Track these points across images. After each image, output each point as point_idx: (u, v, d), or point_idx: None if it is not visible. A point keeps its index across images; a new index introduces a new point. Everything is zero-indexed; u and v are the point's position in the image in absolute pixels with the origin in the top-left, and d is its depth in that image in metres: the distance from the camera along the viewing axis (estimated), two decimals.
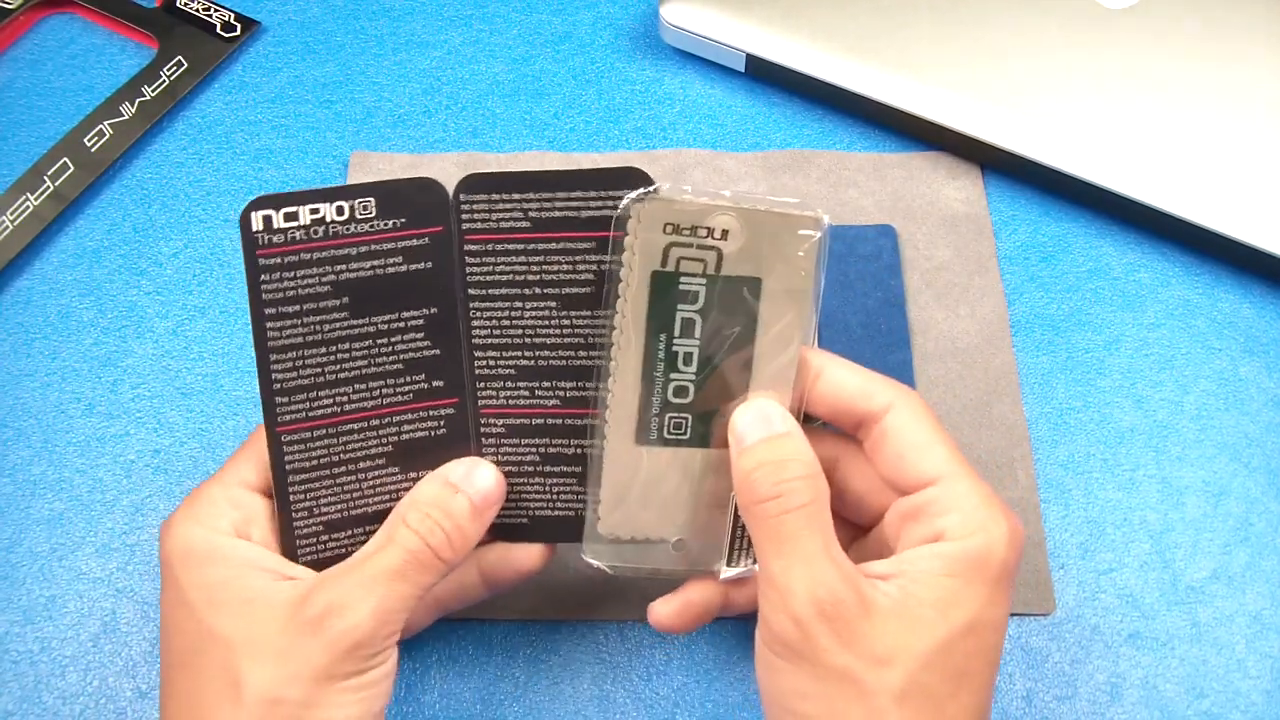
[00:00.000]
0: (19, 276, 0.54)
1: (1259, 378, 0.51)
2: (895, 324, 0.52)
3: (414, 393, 0.37)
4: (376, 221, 0.34)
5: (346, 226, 0.34)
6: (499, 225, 0.35)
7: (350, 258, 0.34)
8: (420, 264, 0.35)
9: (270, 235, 0.33)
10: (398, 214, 0.34)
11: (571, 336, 0.36)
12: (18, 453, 0.49)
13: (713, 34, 0.58)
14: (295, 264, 0.33)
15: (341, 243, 0.34)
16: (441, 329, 0.36)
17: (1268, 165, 0.52)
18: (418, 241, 0.35)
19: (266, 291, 0.33)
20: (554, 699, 0.44)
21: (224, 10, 0.62)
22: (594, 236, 0.34)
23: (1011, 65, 0.56)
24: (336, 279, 0.34)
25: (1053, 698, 0.44)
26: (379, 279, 0.35)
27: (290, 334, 0.34)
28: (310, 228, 0.33)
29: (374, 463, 0.38)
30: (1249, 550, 0.47)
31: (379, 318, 0.35)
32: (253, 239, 0.33)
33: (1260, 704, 0.44)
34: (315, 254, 0.34)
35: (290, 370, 0.35)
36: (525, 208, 0.34)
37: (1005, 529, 0.35)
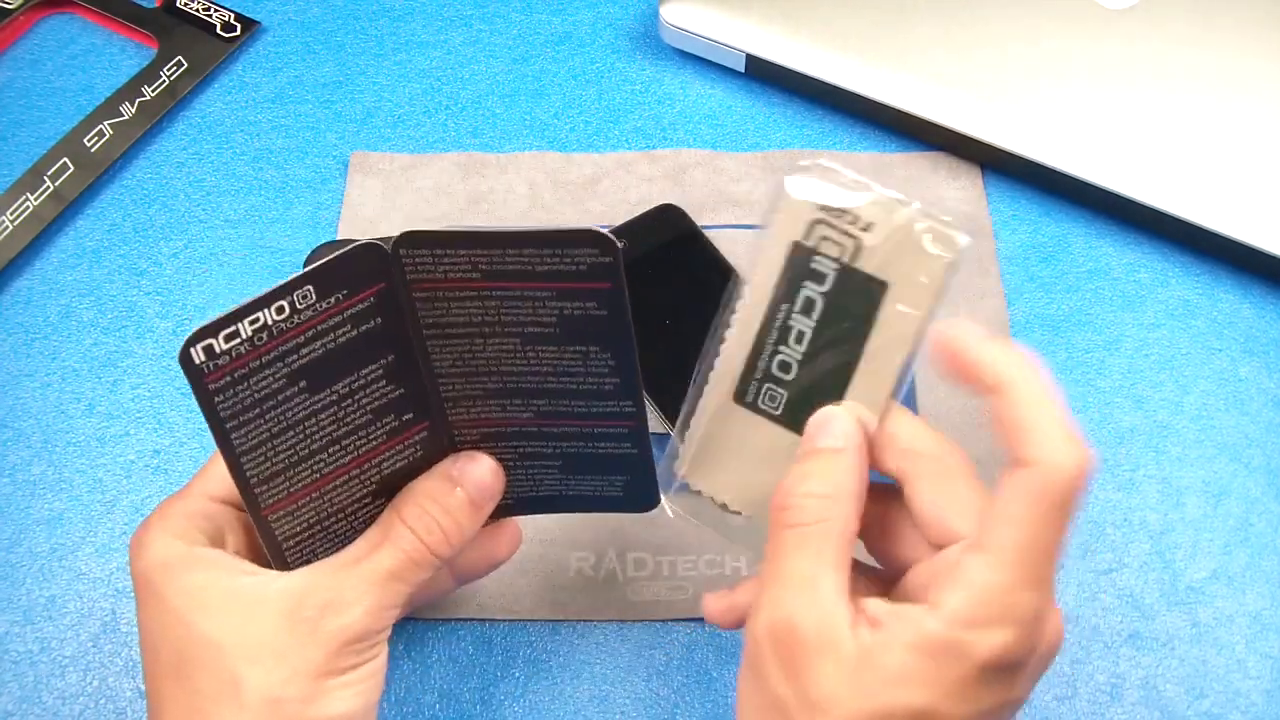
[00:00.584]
0: (19, 276, 0.54)
1: (1259, 378, 0.51)
2: None
3: (387, 433, 0.37)
4: (318, 304, 0.33)
5: (290, 320, 0.33)
6: (445, 276, 0.34)
7: (299, 345, 0.33)
8: (369, 323, 0.34)
9: (214, 362, 0.32)
10: (337, 289, 0.33)
11: (539, 365, 0.36)
12: (18, 453, 0.49)
13: (713, 34, 0.58)
14: (246, 374, 0.33)
15: (288, 337, 0.33)
16: (401, 370, 0.36)
17: (1268, 165, 0.52)
18: (362, 305, 0.34)
19: (223, 408, 0.33)
20: (554, 699, 0.44)
21: (224, 10, 0.62)
22: (553, 286, 0.34)
23: (1011, 65, 0.56)
24: (290, 369, 0.33)
25: (1053, 698, 0.44)
26: (332, 352, 0.34)
27: (256, 433, 0.34)
28: (253, 338, 0.32)
29: (362, 504, 0.38)
30: (1249, 550, 0.47)
31: (339, 384, 0.35)
32: (197, 371, 0.32)
33: (1260, 704, 0.44)
34: (263, 358, 0.33)
35: (263, 463, 0.35)
36: (474, 261, 0.34)
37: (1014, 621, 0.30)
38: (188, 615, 0.34)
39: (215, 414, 0.33)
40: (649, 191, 0.56)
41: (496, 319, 0.35)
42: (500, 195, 0.56)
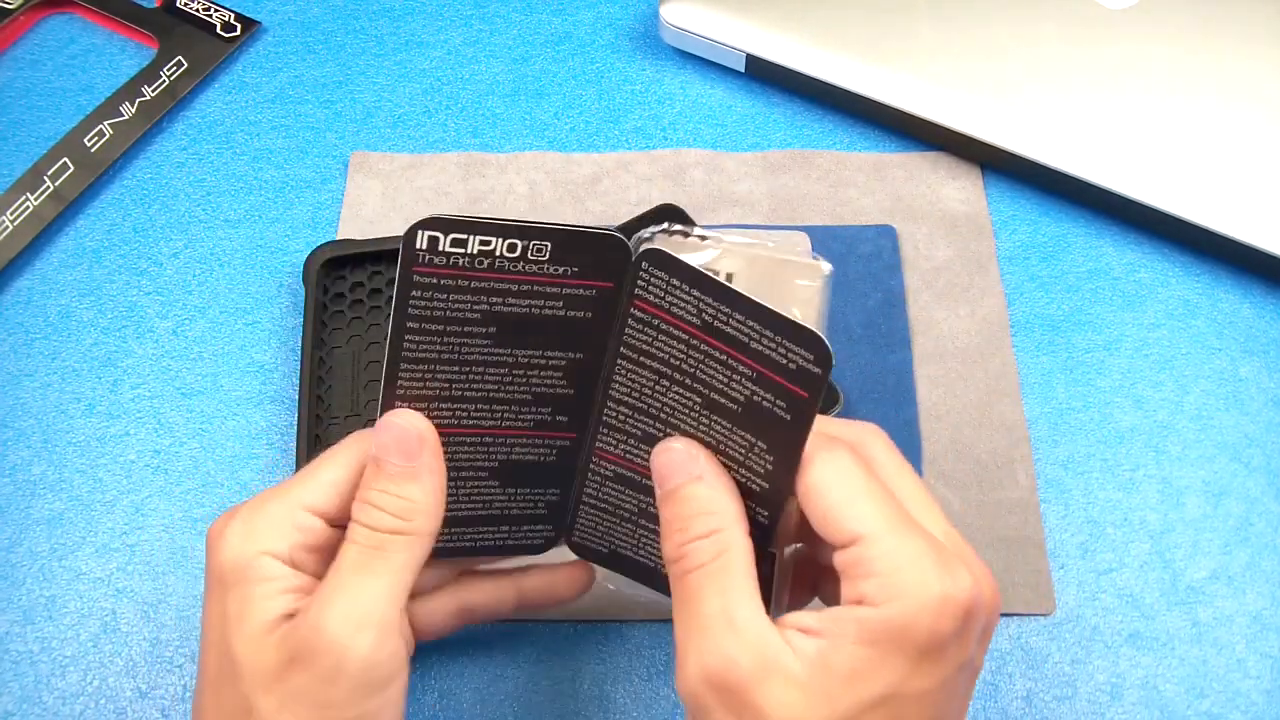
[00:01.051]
0: (19, 276, 0.54)
1: (1259, 378, 0.51)
2: (895, 324, 0.52)
3: (535, 422, 0.36)
4: (547, 266, 0.33)
5: (515, 264, 0.32)
6: (670, 309, 0.33)
7: (509, 292, 0.33)
8: (580, 312, 0.34)
9: (432, 255, 0.32)
10: (571, 263, 0.33)
11: (704, 434, 0.34)
12: (18, 453, 0.49)
13: (713, 34, 0.58)
14: (450, 287, 0.32)
15: (504, 277, 0.33)
16: (582, 374, 0.35)
17: (1268, 165, 0.52)
18: (584, 291, 0.33)
19: (414, 307, 0.32)
20: (554, 699, 0.44)
21: (224, 10, 0.62)
22: (758, 369, 0.32)
23: (1011, 65, 0.56)
24: (489, 309, 0.33)
25: (1053, 698, 0.44)
26: (532, 317, 0.34)
27: (426, 349, 0.34)
28: (476, 257, 0.32)
29: (476, 474, 0.37)
30: (1249, 550, 0.47)
31: (522, 351, 0.34)
32: (412, 255, 0.31)
33: (1260, 704, 0.44)
34: (474, 282, 0.32)
35: (417, 380, 0.34)
36: (701, 308, 0.32)
37: (937, 593, 0.31)
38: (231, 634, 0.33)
39: (404, 307, 0.32)
40: (649, 191, 0.56)
41: (692, 371, 0.34)
42: (500, 195, 0.56)
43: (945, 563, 0.31)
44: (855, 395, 0.50)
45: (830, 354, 0.31)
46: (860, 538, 0.32)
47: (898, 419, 0.49)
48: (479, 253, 0.32)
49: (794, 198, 0.56)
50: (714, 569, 0.32)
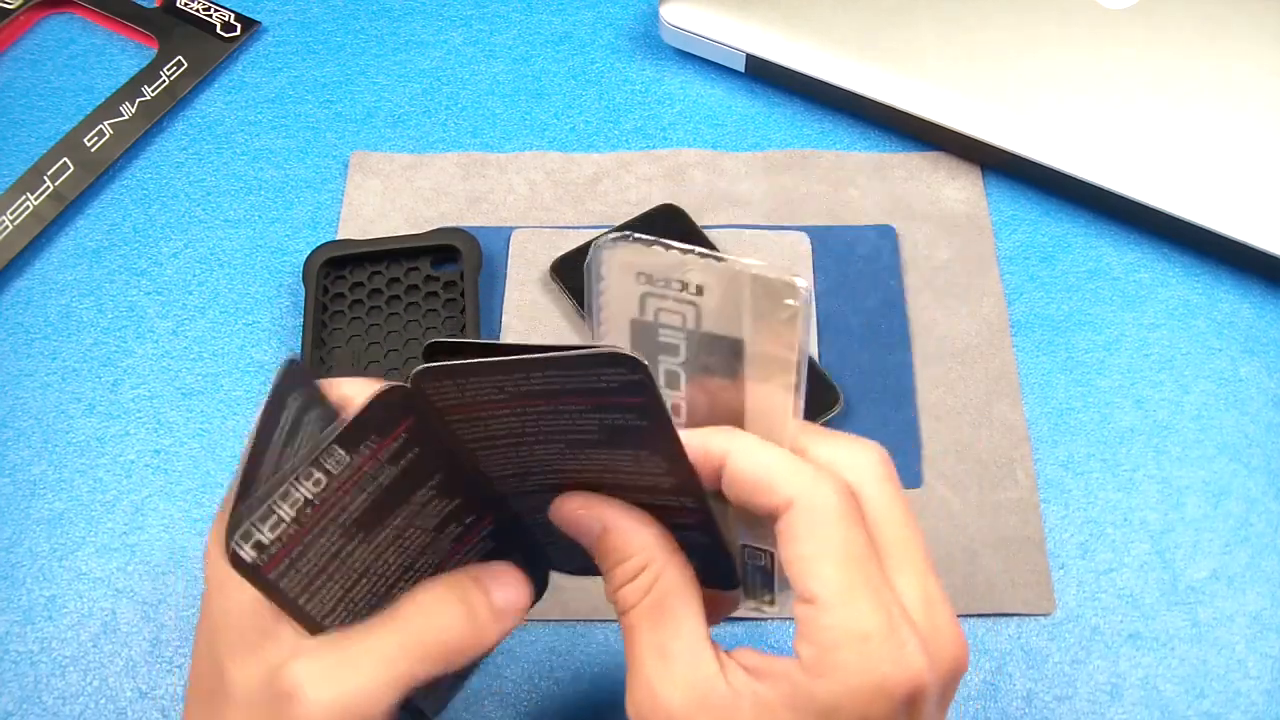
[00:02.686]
0: (19, 276, 0.54)
1: (1259, 378, 0.51)
2: (895, 324, 0.52)
3: (453, 540, 0.36)
4: (352, 460, 0.32)
5: (329, 486, 0.32)
6: (474, 399, 0.33)
7: (347, 504, 0.33)
8: (408, 455, 0.34)
9: (266, 553, 0.31)
10: (366, 439, 0.32)
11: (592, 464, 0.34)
12: (18, 453, 0.49)
13: (713, 34, 0.58)
14: (302, 551, 0.32)
15: (331, 501, 0.32)
16: (452, 483, 0.35)
17: (1268, 165, 0.52)
18: (396, 444, 0.33)
19: (290, 590, 0.32)
20: (554, 699, 0.44)
21: (224, 10, 0.62)
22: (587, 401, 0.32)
23: (1011, 65, 0.56)
24: (344, 528, 0.33)
25: (1053, 698, 0.44)
26: (378, 496, 0.33)
27: (330, 595, 0.33)
28: (298, 517, 0.31)
29: None
30: (1249, 550, 0.47)
31: (395, 519, 0.34)
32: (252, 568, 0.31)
33: (1260, 704, 0.44)
34: (314, 530, 0.32)
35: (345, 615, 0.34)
36: (500, 385, 0.32)
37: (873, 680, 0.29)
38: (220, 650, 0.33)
39: (284, 597, 0.32)
40: (649, 191, 0.56)
41: (537, 429, 0.33)
42: (500, 195, 0.56)
43: (894, 643, 0.29)
44: (855, 395, 0.50)
45: (633, 357, 0.29)
46: (814, 600, 0.30)
47: (898, 419, 0.49)
48: (296, 514, 0.32)
49: (794, 198, 0.56)
50: (645, 608, 0.32)
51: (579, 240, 0.54)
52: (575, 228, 0.55)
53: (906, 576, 0.31)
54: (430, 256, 0.53)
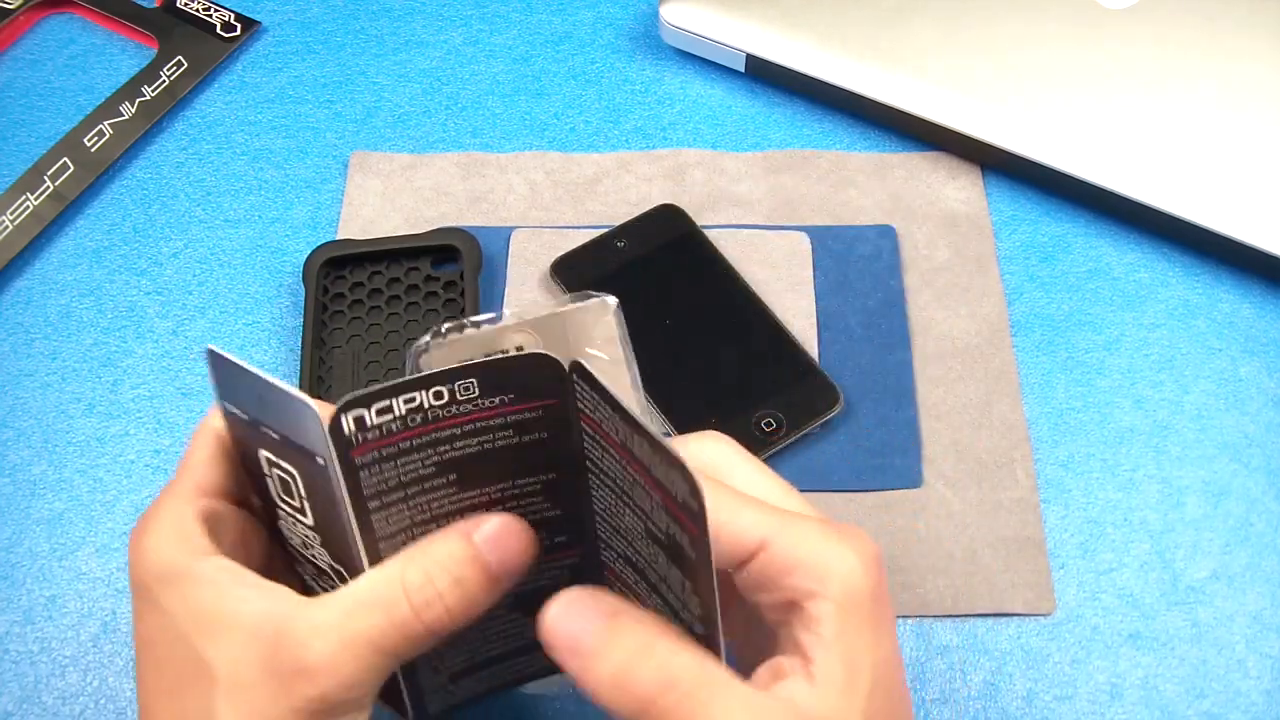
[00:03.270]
0: (19, 276, 0.54)
1: (1259, 378, 0.51)
2: (895, 324, 0.52)
3: None
4: (480, 400, 0.31)
5: (447, 409, 0.31)
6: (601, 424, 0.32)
7: (454, 438, 0.32)
8: (533, 435, 0.32)
9: (363, 434, 0.30)
10: (503, 391, 0.31)
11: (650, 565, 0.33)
12: (18, 453, 0.49)
13: (713, 34, 0.58)
14: (394, 454, 0.31)
15: (443, 425, 0.31)
16: (562, 492, 0.34)
17: (1268, 165, 0.52)
18: (529, 414, 0.32)
19: (367, 487, 0.31)
20: (554, 699, 0.44)
21: (224, 10, 0.62)
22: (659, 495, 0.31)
23: (1011, 65, 0.56)
24: (441, 459, 0.32)
25: (1053, 698, 0.44)
26: (489, 453, 0.32)
27: (396, 519, 0.32)
28: (407, 417, 0.30)
29: (498, 613, 0.35)
30: (1249, 550, 0.47)
31: (493, 487, 0.33)
32: (343, 441, 0.30)
33: (1260, 704, 0.44)
34: (414, 440, 0.31)
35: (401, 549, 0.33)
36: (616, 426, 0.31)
37: (855, 556, 0.31)
38: (193, 637, 0.32)
39: (358, 490, 0.31)
40: (649, 191, 0.56)
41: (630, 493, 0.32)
42: (500, 195, 0.56)
43: (841, 530, 0.32)
44: (855, 395, 0.50)
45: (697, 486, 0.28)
46: (760, 545, 0.31)
47: (898, 419, 0.49)
48: (408, 412, 0.31)
49: (794, 198, 0.56)
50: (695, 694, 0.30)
51: (579, 240, 0.54)
52: (575, 228, 0.55)
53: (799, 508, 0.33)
54: (430, 256, 0.53)
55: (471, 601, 0.32)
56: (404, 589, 0.31)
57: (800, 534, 0.31)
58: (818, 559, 0.31)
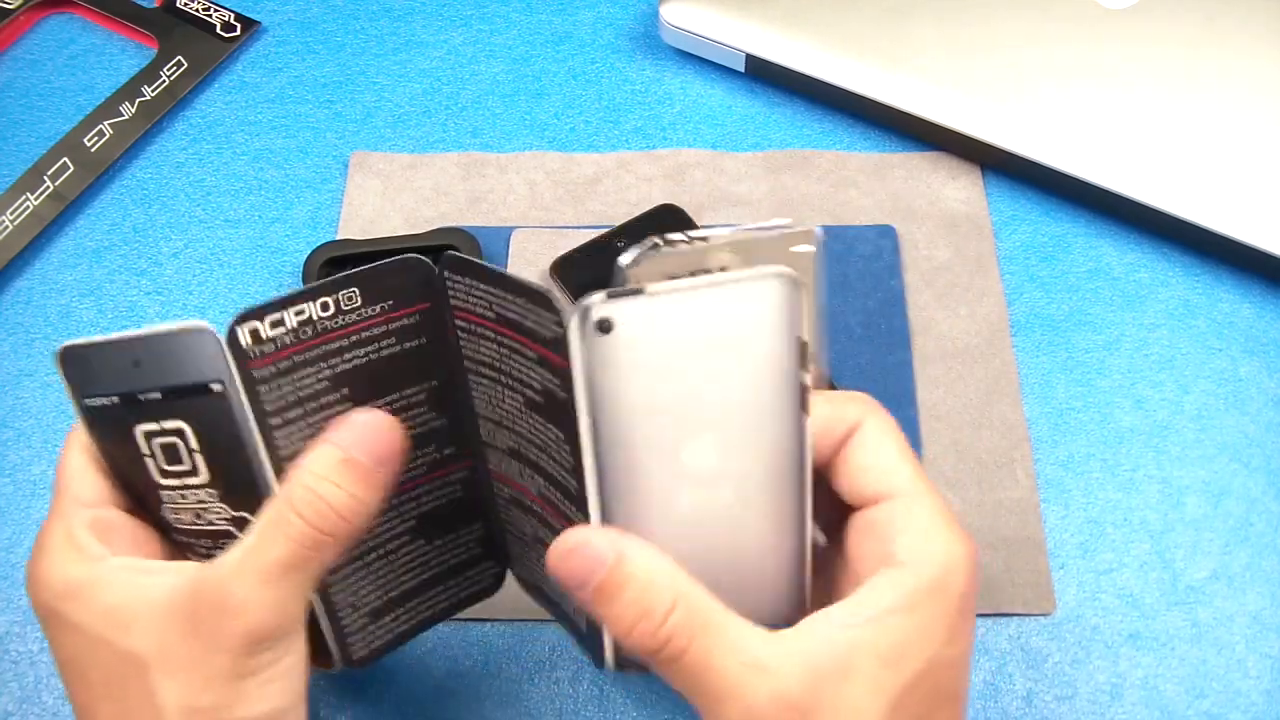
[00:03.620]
0: (19, 276, 0.54)
1: (1259, 378, 0.51)
2: (895, 324, 0.52)
3: (427, 465, 0.36)
4: (363, 309, 0.33)
5: (334, 320, 0.33)
6: (474, 309, 0.33)
7: (343, 350, 0.33)
8: (414, 341, 0.34)
9: (260, 347, 0.31)
10: (383, 299, 0.33)
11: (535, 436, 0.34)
12: (18, 453, 0.49)
13: (713, 34, 0.58)
14: (290, 368, 0.32)
15: (331, 337, 0.33)
16: (445, 398, 0.35)
17: (1268, 165, 0.52)
18: (408, 320, 0.34)
19: (267, 403, 0.32)
20: (554, 698, 0.44)
21: (224, 10, 0.62)
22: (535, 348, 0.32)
23: (1011, 65, 0.56)
24: (334, 372, 0.33)
25: (1053, 698, 0.44)
26: (375, 363, 0.34)
27: (297, 437, 0.33)
28: (298, 330, 0.32)
29: (400, 541, 0.37)
30: (1249, 550, 0.47)
31: (381, 400, 0.34)
32: (242, 354, 0.31)
33: (1260, 704, 0.44)
34: (307, 354, 0.32)
35: None
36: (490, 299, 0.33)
37: (964, 554, 0.32)
38: (111, 636, 0.32)
39: (260, 407, 0.32)
40: (649, 191, 0.56)
41: (508, 369, 0.33)
42: (500, 195, 0.56)
43: (960, 527, 0.33)
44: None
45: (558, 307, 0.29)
46: (894, 494, 0.33)
47: (898, 418, 0.48)
48: (299, 325, 0.32)
49: (794, 198, 0.56)
50: (705, 636, 0.31)
51: (579, 240, 0.54)
52: (575, 228, 0.55)
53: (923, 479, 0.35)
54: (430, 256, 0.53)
55: (358, 500, 0.33)
56: (292, 507, 0.32)
57: (930, 508, 0.33)
58: (932, 537, 0.32)
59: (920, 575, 0.32)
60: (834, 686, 0.30)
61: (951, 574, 0.32)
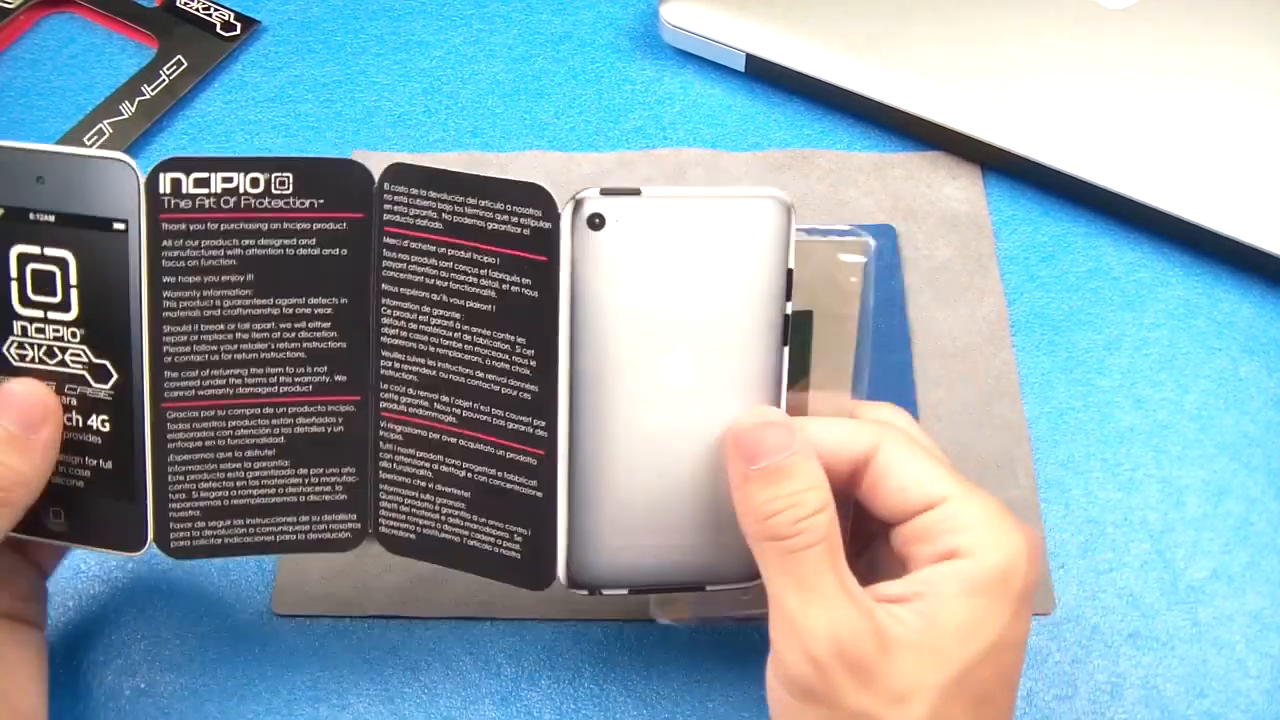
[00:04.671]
0: None
1: (1259, 378, 0.51)
2: (895, 324, 0.52)
3: (314, 385, 0.35)
4: (292, 199, 0.32)
5: (260, 200, 0.32)
6: (415, 222, 0.33)
7: (260, 233, 0.32)
8: (334, 249, 0.33)
9: (177, 200, 0.31)
10: (317, 194, 0.32)
11: (471, 354, 0.33)
12: None
13: (713, 34, 0.58)
14: (200, 233, 0.31)
15: (252, 216, 0.32)
16: (350, 321, 0.34)
17: (1268, 165, 0.52)
18: (334, 225, 0.32)
19: (167, 259, 0.31)
20: (553, 698, 0.44)
21: (224, 10, 0.62)
22: (498, 251, 0.32)
23: (1012, 65, 0.56)
24: (243, 254, 0.32)
25: (1053, 697, 0.44)
26: (288, 259, 0.33)
27: (187, 306, 0.32)
28: (221, 196, 0.31)
29: (262, 453, 0.35)
30: (1249, 550, 0.47)
31: (284, 300, 0.33)
32: (157, 201, 0.30)
33: (1260, 703, 0.44)
34: (222, 225, 0.31)
35: (183, 344, 0.33)
36: (439, 209, 0.32)
37: (1023, 544, 0.33)
38: None
39: (158, 262, 0.31)
40: None
41: (446, 284, 0.33)
42: None
43: (1014, 516, 0.34)
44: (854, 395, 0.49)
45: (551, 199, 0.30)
46: (944, 499, 0.34)
47: None
48: (223, 192, 0.31)
49: (794, 198, 0.56)
50: (829, 545, 0.33)
51: None
52: None
53: None
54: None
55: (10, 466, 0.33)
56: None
57: (981, 503, 0.34)
58: (991, 530, 0.33)
59: (984, 564, 0.33)
60: (900, 653, 0.32)
61: (1015, 562, 0.33)
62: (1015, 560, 0.33)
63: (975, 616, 0.32)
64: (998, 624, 0.33)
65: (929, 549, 0.34)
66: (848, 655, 0.32)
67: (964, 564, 0.33)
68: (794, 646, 0.32)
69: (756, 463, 0.33)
